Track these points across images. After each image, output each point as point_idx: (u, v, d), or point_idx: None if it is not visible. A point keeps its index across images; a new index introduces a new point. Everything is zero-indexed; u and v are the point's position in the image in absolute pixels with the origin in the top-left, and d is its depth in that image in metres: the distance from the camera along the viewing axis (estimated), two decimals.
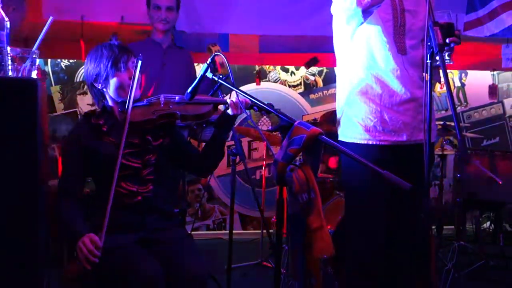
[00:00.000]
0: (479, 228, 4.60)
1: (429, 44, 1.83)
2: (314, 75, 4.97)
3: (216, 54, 2.18)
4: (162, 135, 2.07)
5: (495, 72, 5.23)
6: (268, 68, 4.88)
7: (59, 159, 3.40)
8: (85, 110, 4.42)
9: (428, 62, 1.84)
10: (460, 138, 1.81)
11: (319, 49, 4.06)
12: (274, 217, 3.73)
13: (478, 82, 5.23)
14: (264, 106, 1.83)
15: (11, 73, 1.83)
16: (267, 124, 4.78)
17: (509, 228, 4.83)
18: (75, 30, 3.66)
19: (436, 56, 1.81)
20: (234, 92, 2.00)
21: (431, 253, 2.02)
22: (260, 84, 4.83)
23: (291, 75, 4.93)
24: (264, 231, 3.65)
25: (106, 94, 2.05)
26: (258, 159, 4.58)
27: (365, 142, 2.13)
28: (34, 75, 1.92)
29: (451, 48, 1.90)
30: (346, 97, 2.20)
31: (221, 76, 1.94)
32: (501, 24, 3.94)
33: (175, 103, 2.06)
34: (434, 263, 2.23)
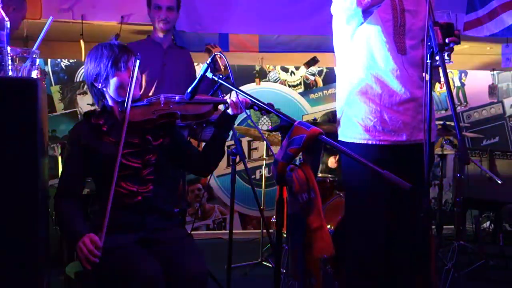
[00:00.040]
0: (479, 228, 4.61)
1: (429, 44, 1.83)
2: (314, 75, 4.97)
3: (217, 54, 2.18)
4: (162, 135, 2.07)
5: (495, 72, 5.24)
6: (268, 68, 4.88)
7: (59, 159, 3.41)
8: (85, 110, 4.42)
9: (428, 62, 1.84)
10: (460, 138, 1.81)
11: (319, 49, 4.06)
12: (274, 216, 3.73)
13: (478, 82, 5.24)
14: (264, 106, 1.83)
15: (11, 73, 1.83)
16: (267, 124, 4.78)
17: (509, 228, 4.83)
18: (75, 30, 3.67)
19: (436, 56, 1.81)
20: (234, 92, 2.00)
21: (431, 253, 2.02)
22: (260, 84, 4.83)
23: (291, 75, 4.93)
24: (264, 231, 3.65)
25: (106, 94, 2.05)
26: (258, 159, 4.58)
27: (365, 142, 2.13)
28: (34, 75, 1.92)
29: (451, 48, 1.90)
30: (346, 97, 2.20)
31: (221, 76, 1.94)
32: (501, 24, 3.94)
33: (175, 102, 2.06)
34: (434, 263, 2.23)
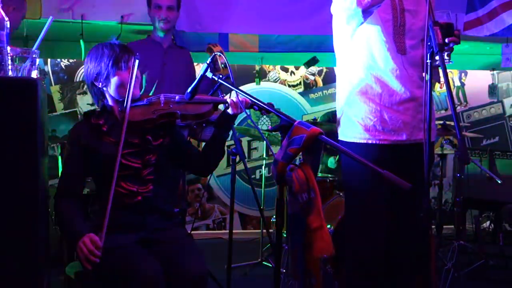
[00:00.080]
0: (478, 228, 4.60)
1: (429, 44, 1.83)
2: (314, 74, 4.97)
3: (217, 54, 2.18)
4: (162, 134, 2.07)
5: (494, 72, 5.24)
6: (268, 67, 4.88)
7: (59, 159, 3.40)
8: (85, 109, 4.42)
9: (428, 62, 1.84)
10: (460, 137, 1.81)
11: (319, 48, 4.06)
12: (274, 216, 3.73)
13: (477, 81, 5.24)
14: (263, 105, 1.83)
15: (11, 73, 1.83)
16: (267, 124, 4.78)
17: (508, 228, 4.83)
18: (75, 30, 3.67)
19: (436, 56, 1.81)
20: (234, 92, 2.00)
21: (431, 252, 2.02)
22: (260, 83, 4.83)
23: (290, 74, 4.93)
24: (264, 231, 3.65)
25: (106, 93, 2.05)
26: (258, 159, 4.58)
27: (365, 142, 2.13)
28: (34, 75, 1.92)
29: (451, 48, 1.90)
30: (346, 97, 2.20)
31: (221, 76, 1.94)
32: (500, 23, 3.94)
33: (175, 102, 2.06)
34: (434, 262, 2.23)
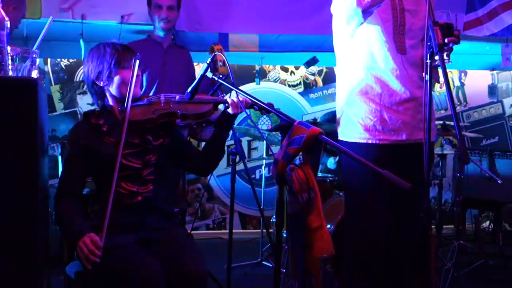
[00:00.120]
0: (478, 228, 4.61)
1: (428, 44, 1.83)
2: (314, 74, 4.97)
3: (217, 54, 2.18)
4: (163, 134, 2.07)
5: (494, 72, 5.24)
6: (268, 67, 4.88)
7: (59, 159, 3.41)
8: (85, 109, 4.42)
9: (428, 62, 1.84)
10: (459, 137, 1.81)
11: (319, 48, 4.06)
12: (274, 216, 3.73)
13: (477, 81, 5.24)
14: (264, 105, 1.83)
15: (11, 72, 1.83)
16: (267, 123, 4.78)
17: (508, 228, 4.84)
18: (75, 30, 3.67)
19: (435, 56, 1.81)
20: (234, 92, 2.00)
21: (430, 252, 2.02)
22: (260, 83, 4.83)
23: (290, 74, 4.93)
24: (264, 231, 3.65)
25: (107, 92, 2.05)
26: (258, 159, 4.58)
27: (365, 142, 2.13)
28: (34, 74, 1.92)
29: (450, 48, 1.90)
30: (346, 96, 2.20)
31: (221, 76, 1.94)
32: (500, 23, 3.94)
33: (175, 102, 2.06)
34: (433, 262, 2.23)
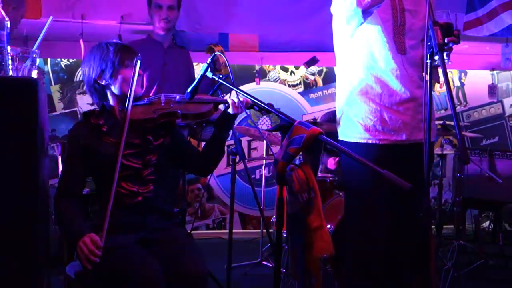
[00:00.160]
0: (478, 228, 4.61)
1: (429, 44, 1.83)
2: (314, 74, 4.98)
3: (217, 54, 2.18)
4: (163, 134, 2.07)
5: (494, 72, 5.25)
6: (268, 67, 4.88)
7: (59, 159, 3.41)
8: (84, 109, 4.42)
9: (428, 62, 1.84)
10: (459, 137, 1.81)
11: (319, 48, 4.06)
12: (274, 216, 3.73)
13: (477, 81, 5.25)
14: (264, 105, 1.83)
15: (11, 72, 1.83)
16: (267, 123, 4.79)
17: (508, 228, 4.84)
18: (75, 30, 3.67)
19: (435, 56, 1.81)
20: (234, 92, 2.00)
21: (430, 252, 2.02)
22: (260, 83, 4.84)
23: (290, 74, 4.94)
24: (264, 231, 3.66)
25: (108, 92, 2.04)
26: (258, 159, 4.58)
27: (365, 142, 2.13)
28: (34, 74, 1.92)
29: (450, 48, 1.90)
30: (346, 96, 2.20)
31: (221, 76, 1.94)
32: (500, 23, 3.94)
33: (176, 102, 2.06)
34: (433, 262, 2.23)
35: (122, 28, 3.68)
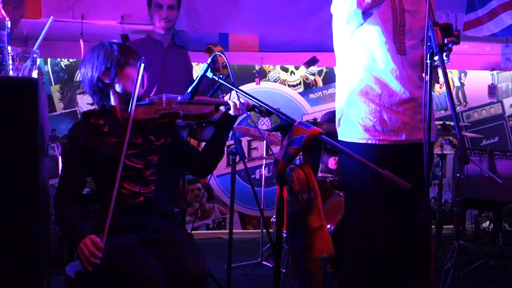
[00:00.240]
0: (478, 228, 4.61)
1: (428, 44, 1.83)
2: (314, 74, 4.98)
3: (217, 54, 2.18)
4: (164, 134, 2.07)
5: (494, 72, 5.25)
6: (268, 67, 4.88)
7: (59, 159, 3.41)
8: (85, 109, 4.42)
9: (427, 62, 1.84)
10: (459, 138, 1.81)
11: (319, 48, 4.06)
12: (274, 216, 3.73)
13: (477, 82, 5.25)
14: (264, 106, 1.83)
15: (12, 72, 1.84)
16: (267, 123, 4.79)
17: (508, 228, 4.84)
18: (75, 30, 3.67)
19: (435, 56, 1.81)
20: (236, 94, 2.00)
21: (430, 252, 2.02)
22: (260, 83, 4.84)
23: (290, 74, 4.94)
24: (264, 231, 3.66)
25: (111, 90, 2.02)
26: (258, 159, 4.58)
27: (364, 142, 2.13)
28: (34, 74, 1.92)
29: (449, 49, 1.90)
30: (346, 97, 2.20)
31: (221, 76, 1.94)
32: (500, 24, 3.94)
33: (177, 102, 2.06)
34: (433, 262, 2.23)
35: (122, 28, 3.68)
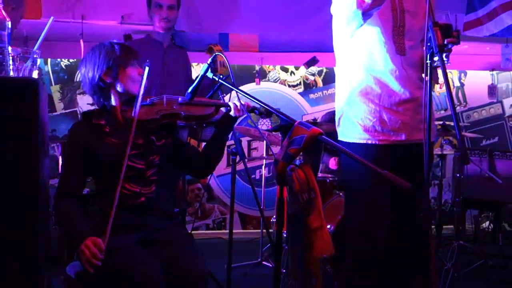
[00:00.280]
0: (478, 228, 4.61)
1: (428, 44, 1.83)
2: (314, 75, 4.98)
3: (217, 54, 2.19)
4: (165, 135, 2.07)
5: (494, 72, 5.25)
6: (268, 68, 4.89)
7: (59, 159, 3.41)
8: (85, 109, 4.42)
9: (427, 62, 1.84)
10: (459, 138, 1.81)
11: (319, 48, 4.06)
12: (274, 216, 3.73)
13: (477, 82, 5.25)
14: (265, 106, 1.83)
15: (12, 73, 1.84)
16: (267, 124, 4.79)
17: (508, 228, 4.84)
18: (75, 30, 3.67)
19: (435, 57, 1.81)
20: (236, 94, 2.00)
21: (430, 252, 2.02)
22: (260, 84, 4.84)
23: (290, 74, 4.94)
24: (264, 231, 3.66)
25: (112, 90, 2.02)
26: (258, 159, 4.59)
27: (364, 142, 2.13)
28: (35, 75, 1.92)
29: (449, 49, 1.90)
30: (346, 97, 2.20)
31: (221, 76, 1.94)
32: (500, 24, 3.94)
33: (178, 103, 2.07)
34: (433, 262, 2.23)
35: (122, 28, 3.69)
